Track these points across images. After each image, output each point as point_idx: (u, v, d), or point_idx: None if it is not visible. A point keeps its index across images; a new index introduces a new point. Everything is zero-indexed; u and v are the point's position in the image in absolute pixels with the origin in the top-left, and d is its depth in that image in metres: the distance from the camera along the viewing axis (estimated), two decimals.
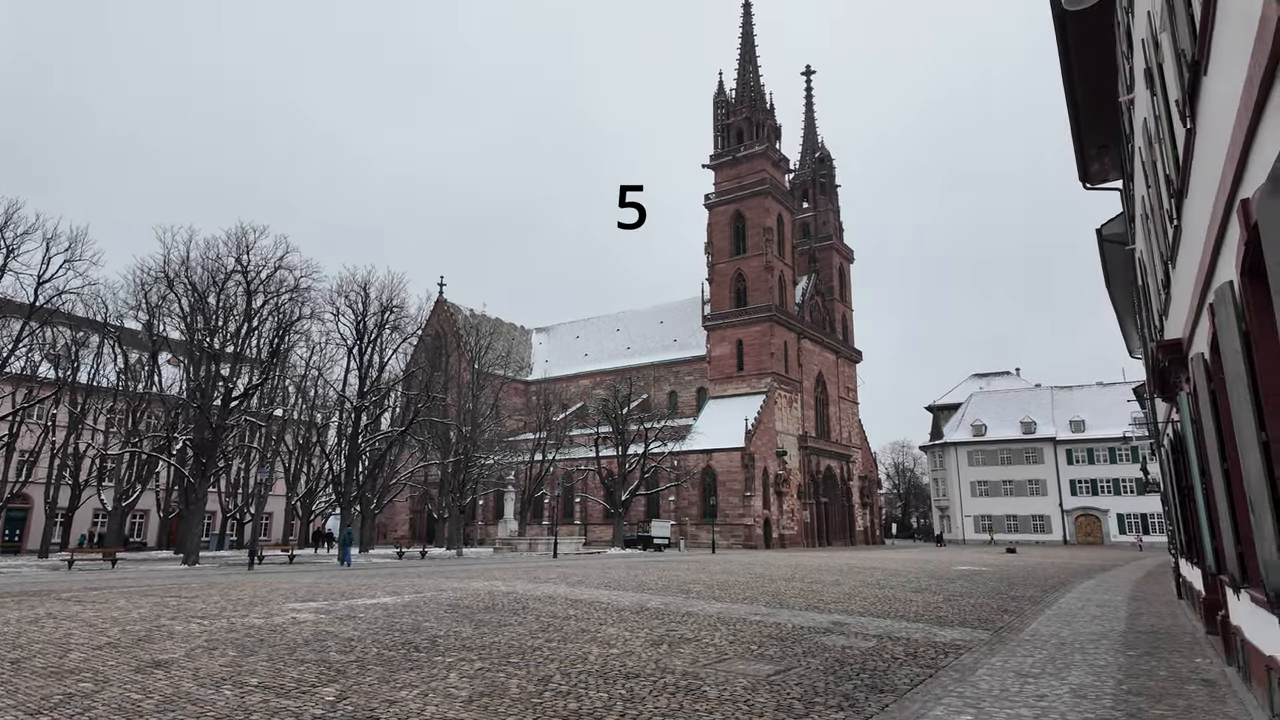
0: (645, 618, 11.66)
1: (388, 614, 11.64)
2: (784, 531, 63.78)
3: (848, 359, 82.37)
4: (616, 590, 16.29)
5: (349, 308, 32.46)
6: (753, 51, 76.18)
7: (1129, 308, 22.86)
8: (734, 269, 70.65)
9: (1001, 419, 79.94)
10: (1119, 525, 71.11)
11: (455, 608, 12.56)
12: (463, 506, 40.14)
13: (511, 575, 20.73)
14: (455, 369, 55.24)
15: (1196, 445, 8.01)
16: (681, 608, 13.21)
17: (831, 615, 12.60)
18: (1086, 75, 12.91)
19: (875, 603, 14.91)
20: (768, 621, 11.52)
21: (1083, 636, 10.34)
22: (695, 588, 17.34)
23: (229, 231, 31.14)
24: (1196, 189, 5.90)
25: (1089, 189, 18.81)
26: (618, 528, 49.74)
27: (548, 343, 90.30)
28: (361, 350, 32.56)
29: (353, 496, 33.58)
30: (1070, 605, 14.93)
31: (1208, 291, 6.04)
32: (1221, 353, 5.09)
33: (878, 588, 18.56)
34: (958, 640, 9.99)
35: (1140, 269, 13.82)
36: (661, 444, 55.44)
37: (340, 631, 9.71)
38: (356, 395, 32.59)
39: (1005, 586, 19.56)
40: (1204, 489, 7.93)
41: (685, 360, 75.29)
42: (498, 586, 16.69)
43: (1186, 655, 8.73)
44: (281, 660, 7.79)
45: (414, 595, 14.74)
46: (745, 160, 71.90)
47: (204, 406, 28.75)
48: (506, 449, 59.89)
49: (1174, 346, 8.47)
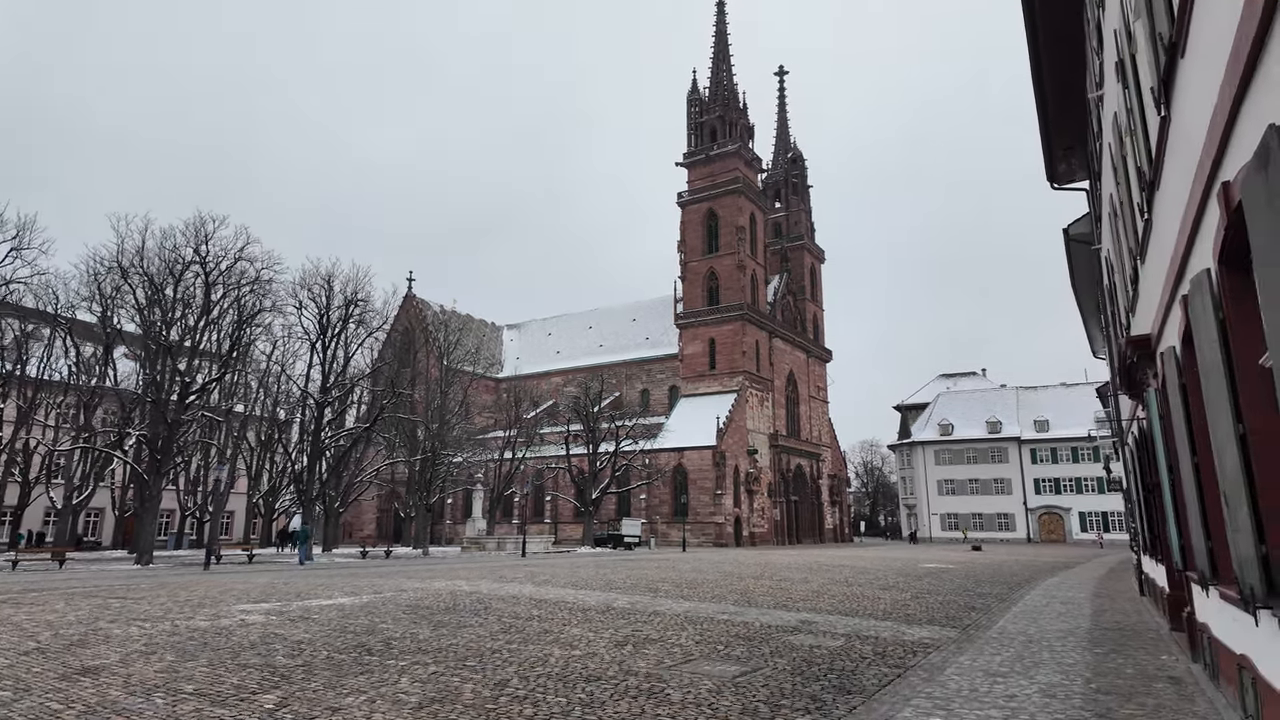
0: (611, 618, 11.39)
1: (343, 615, 11.21)
2: (754, 530, 63.98)
3: (818, 358, 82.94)
4: (583, 589, 15.99)
5: (312, 301, 31.64)
6: (726, 50, 76.26)
7: (1093, 308, 23.17)
8: (706, 267, 70.65)
9: (968, 419, 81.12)
10: (1081, 523, 72.60)
11: (414, 608, 12.17)
12: (429, 505, 39.42)
13: (477, 575, 20.31)
14: (424, 365, 54.38)
15: (1165, 441, 7.96)
16: (648, 607, 12.96)
17: (799, 614, 12.45)
18: (1056, 73, 12.92)
19: (843, 601, 14.81)
20: (735, 621, 11.32)
21: (1049, 634, 10.31)
22: (663, 586, 17.11)
23: (187, 221, 30.08)
24: (1171, 178, 5.79)
25: (1056, 189, 18.96)
26: (588, 526, 49.39)
27: (519, 340, 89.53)
28: (324, 344, 31.71)
29: (314, 494, 32.73)
30: (1036, 602, 14.99)
31: (1180, 283, 5.95)
32: (1196, 344, 4.98)
33: (846, 585, 18.52)
34: (926, 639, 9.88)
35: (1106, 268, 13.90)
36: (633, 442, 55.20)
37: (290, 634, 9.28)
38: (319, 390, 31.70)
39: (972, 584, 19.65)
40: (1171, 485, 7.90)
41: (658, 358, 75.15)
42: (461, 586, 16.28)
43: (1152, 652, 8.71)
44: (223, 665, 7.37)
45: (373, 596, 14.29)
46: (718, 159, 71.93)
47: (159, 401, 27.78)
48: (476, 447, 59.18)
49: (1142, 342, 8.43)
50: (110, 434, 33.66)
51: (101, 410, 38.35)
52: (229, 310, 31.84)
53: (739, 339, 67.29)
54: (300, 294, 31.73)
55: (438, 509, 66.39)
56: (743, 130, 73.76)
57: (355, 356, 38.67)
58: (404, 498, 50.03)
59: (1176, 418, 6.53)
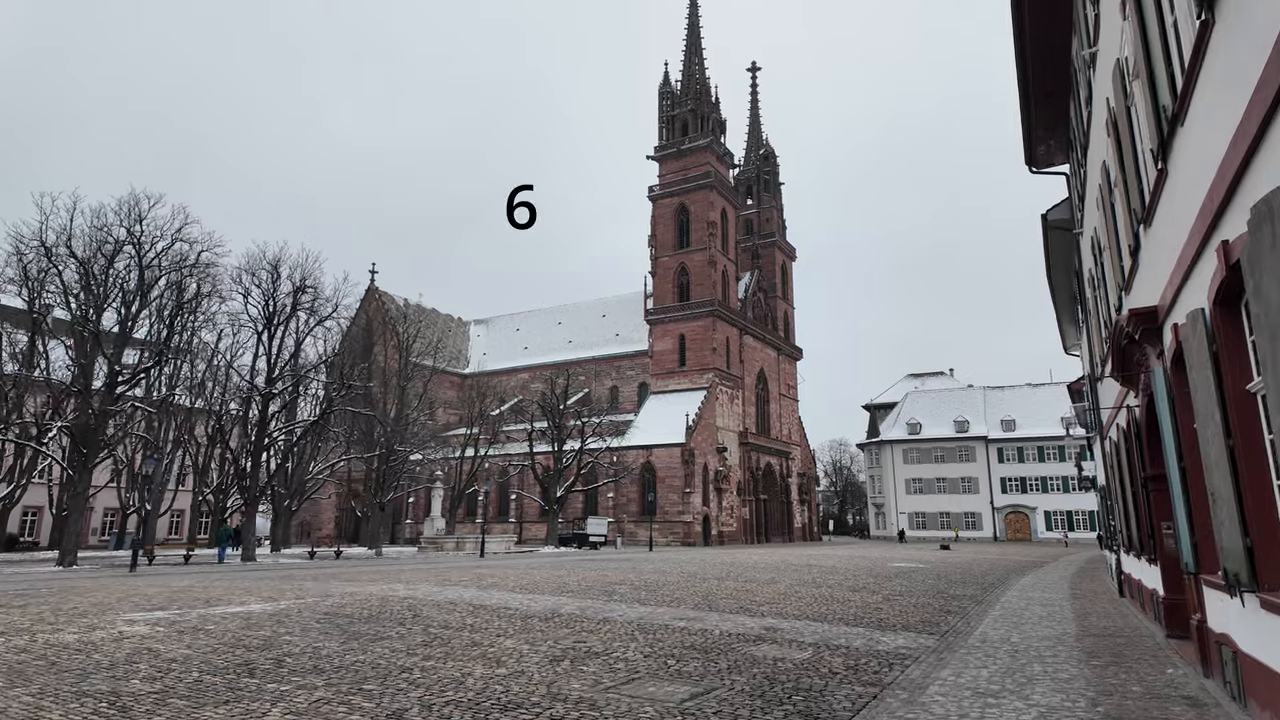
0: (553, 626, 10.19)
1: (245, 626, 9.84)
2: (723, 528, 63.13)
3: (789, 356, 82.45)
4: (532, 594, 14.75)
5: (257, 286, 29.85)
6: (699, 44, 75.33)
7: (1068, 300, 22.56)
8: (677, 263, 69.65)
9: (935, 418, 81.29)
10: (1046, 522, 73.07)
11: (333, 617, 10.83)
12: (383, 504, 37.76)
13: (421, 578, 18.92)
14: (384, 359, 52.46)
15: (1175, 425, 7.01)
16: (599, 613, 11.78)
17: (764, 619, 11.39)
18: (1039, 31, 11.99)
19: (812, 604, 13.80)
20: (693, 628, 10.20)
21: (1036, 642, 9.35)
22: (621, 589, 15.94)
23: (120, 199, 28.03)
24: (1208, 98, 4.76)
25: (1035, 173, 18.23)
26: (551, 525, 48.01)
27: (486, 335, 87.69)
28: (270, 333, 29.94)
29: (258, 492, 30.93)
30: (1014, 604, 14.13)
31: (1216, 228, 4.95)
32: (1257, 289, 3.95)
33: (814, 586, 17.54)
34: (902, 648, 8.86)
35: (1092, 248, 13.04)
36: (600, 439, 53.91)
37: (167, 650, 7.91)
38: (265, 382, 29.92)
39: (944, 584, 18.82)
40: (1183, 475, 6.94)
41: (628, 355, 73.97)
42: (397, 591, 14.92)
43: (1155, 666, 7.76)
44: (56, 694, 6.02)
45: (294, 601, 12.88)
46: (690, 153, 70.98)
47: (86, 391, 25.84)
48: (438, 444, 57.38)
49: (1147, 315, 7.47)
50: (28, 425, 31.39)
51: (33, 401, 36.01)
52: (168, 295, 29.89)
53: (709, 335, 66.40)
54: (245, 279, 29.93)
55: (398, 508, 64.46)
56: (715, 124, 72.89)
57: (307, 347, 36.87)
58: (362, 496, 48.16)
59: (1202, 395, 5.54)
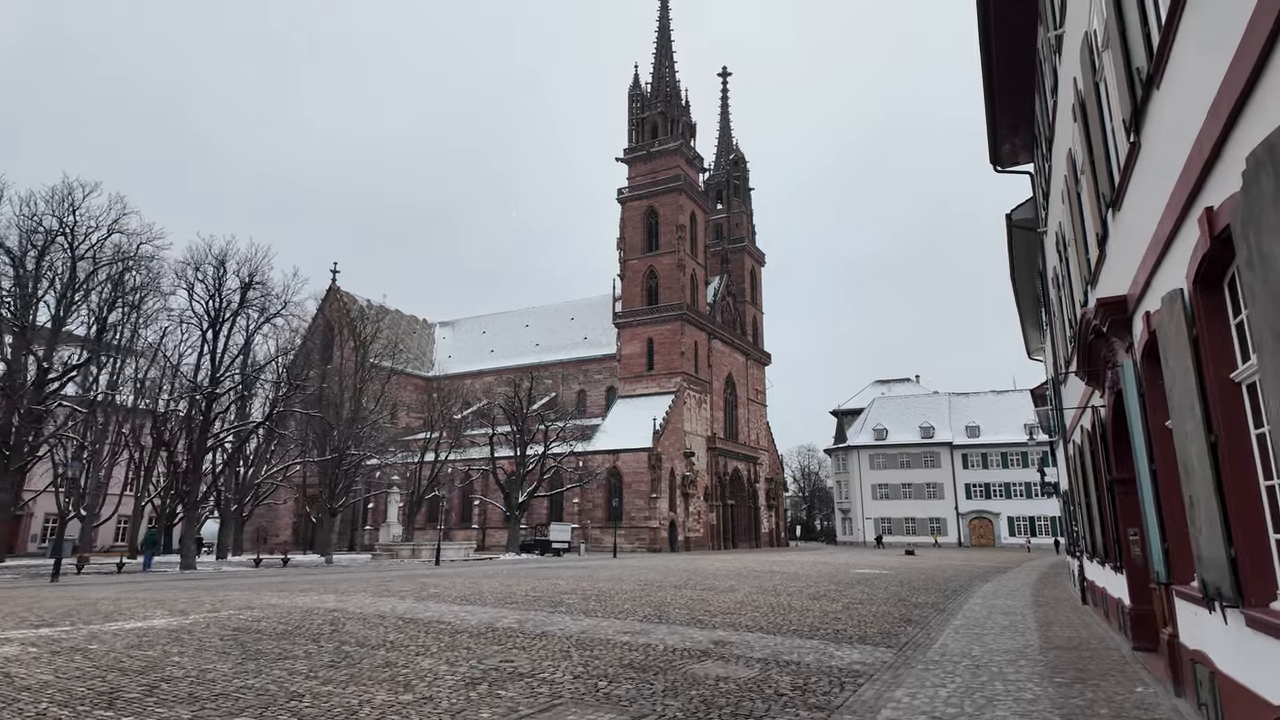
0: (484, 642, 9.37)
1: (135, 644, 8.86)
2: (690, 534, 62.51)
3: (757, 361, 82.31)
4: (473, 605, 13.88)
5: (200, 281, 28.42)
6: (669, 46, 75.01)
7: (1032, 303, 22.36)
8: (646, 266, 69.08)
9: (902, 424, 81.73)
10: (1010, 528, 73.74)
11: (242, 633, 9.88)
12: (334, 509, 36.37)
13: (361, 588, 17.89)
14: (341, 361, 50.93)
15: (1145, 423, 6.48)
16: (539, 626, 10.99)
17: (715, 631, 10.69)
18: (1004, 16, 11.57)
19: (768, 613, 13.15)
20: (636, 643, 9.46)
21: (998, 655, 8.79)
22: (569, 599, 15.13)
23: (52, 188, 26.50)
24: (1190, 44, 4.19)
25: (1000, 171, 17.98)
26: (513, 532, 46.93)
27: (451, 337, 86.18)
28: (215, 331, 28.52)
29: (199, 497, 29.50)
30: (976, 613, 13.63)
31: (1198, 194, 4.38)
32: (1255, 250, 3.35)
33: (773, 595, 16.92)
34: (857, 664, 8.22)
35: (1058, 244, 12.64)
36: (566, 444, 52.96)
37: (26, 676, 6.95)
38: (209, 381, 28.52)
39: (906, 592, 18.33)
40: (1153, 478, 6.41)
41: (596, 358, 73.16)
42: (326, 603, 13.93)
43: (1123, 682, 7.21)
44: None
45: (207, 615, 11.86)
46: (660, 156, 70.53)
47: (11, 389, 24.30)
48: (399, 448, 55.89)
49: (1116, 305, 6.95)
50: None
51: None
52: (105, 289, 28.36)
53: (678, 339, 65.88)
54: (189, 274, 28.47)
55: (358, 514, 62.70)
56: (685, 128, 72.58)
57: (258, 346, 35.44)
58: (317, 502, 46.57)
59: (1179, 387, 4.98)
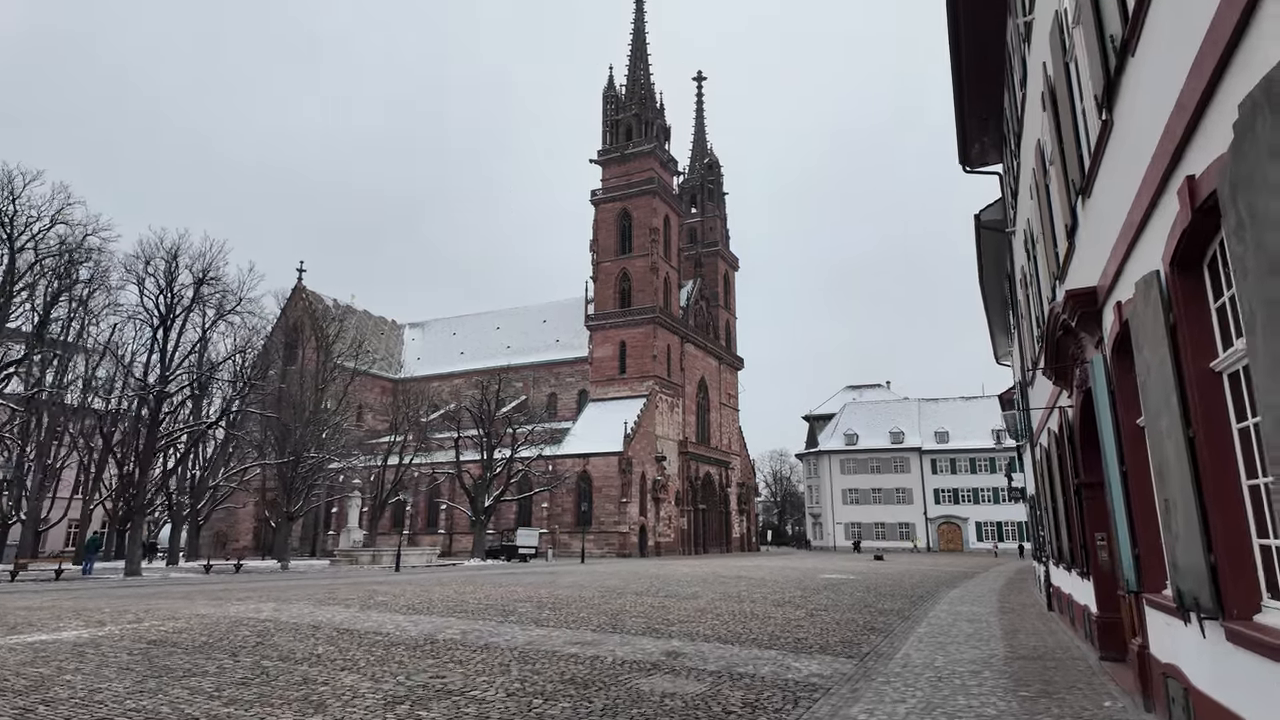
0: (419, 656, 8.74)
1: (29, 660, 8.09)
2: (660, 539, 61.96)
3: (730, 365, 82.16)
4: (418, 614, 13.19)
5: (151, 276, 27.23)
6: (644, 49, 74.78)
7: (999, 305, 22.26)
8: (619, 268, 68.58)
9: (872, 429, 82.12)
10: (977, 533, 74.36)
11: (157, 646, 9.13)
12: (291, 514, 35.22)
13: (304, 596, 17.05)
14: (303, 360, 49.60)
15: (1115, 422, 6.09)
16: (484, 637, 10.37)
17: (670, 641, 10.17)
18: (972, 10, 11.28)
19: (729, 621, 12.67)
20: (583, 655, 8.90)
21: (961, 666, 8.38)
22: (523, 608, 14.51)
23: None
24: (1165, 21, 3.77)
25: (969, 172, 17.79)
26: (478, 537, 45.98)
27: (421, 339, 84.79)
28: (166, 328, 27.34)
29: (145, 500, 28.29)
30: (941, 620, 13.29)
31: (1179, 162, 3.97)
32: (1247, 211, 2.92)
33: (737, 601, 16.45)
34: (815, 676, 7.75)
35: (1026, 241, 12.37)
36: (535, 447, 52.10)
37: None
38: (159, 380, 27.35)
39: (872, 598, 17.99)
40: (1123, 480, 6.03)
41: (567, 361, 72.40)
42: (261, 612, 13.14)
43: (1089, 695, 6.82)
44: None
45: (124, 626, 11.04)
46: (634, 158, 70.14)
47: None
48: (364, 451, 54.59)
49: (1085, 296, 6.58)
50: None
51: None
52: (49, 282, 27.08)
53: (650, 342, 65.43)
54: (139, 268, 27.27)
55: (322, 518, 61.15)
56: (659, 130, 72.31)
57: (216, 344, 34.23)
58: (276, 506, 45.21)
59: (1155, 379, 4.57)
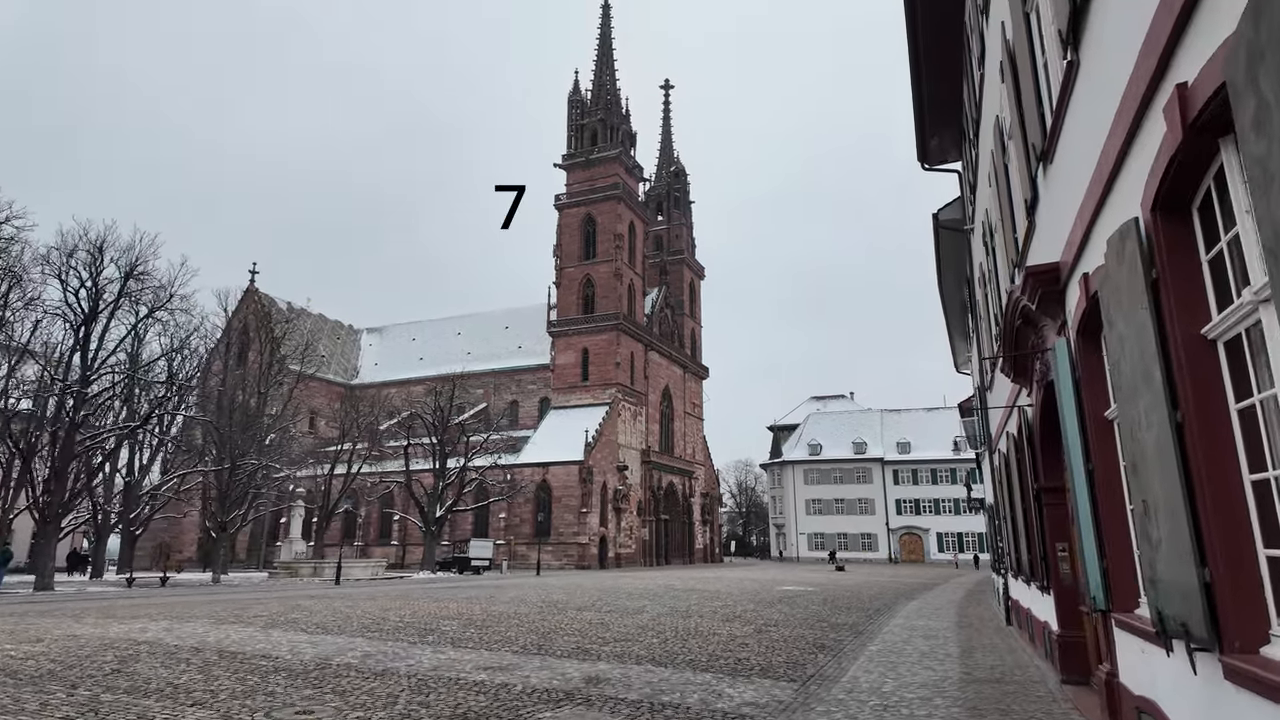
0: (298, 685, 7.61)
1: None
2: (621, 550, 60.79)
3: (695, 374, 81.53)
4: (327, 634, 11.97)
5: (73, 270, 25.43)
6: (610, 54, 74.21)
7: (959, 309, 21.78)
8: (583, 274, 67.57)
9: (835, 439, 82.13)
10: (938, 544, 74.59)
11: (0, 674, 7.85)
12: (224, 523, 33.35)
13: (210, 613, 15.60)
14: (252, 364, 47.57)
15: (1080, 414, 5.31)
16: (386, 662, 9.25)
17: (597, 664, 9.17)
18: None
19: (669, 639, 11.71)
20: (491, 683, 7.85)
21: (911, 691, 7.53)
22: (447, 625, 13.35)
23: None
24: None
25: (927, 169, 17.19)
26: (429, 548, 44.39)
27: (379, 344, 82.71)
28: (88, 325, 25.56)
29: (60, 508, 26.41)
30: (895, 637, 12.49)
31: (1164, 75, 3.17)
32: (1258, 118, 2.09)
33: (684, 617, 15.50)
34: (748, 705, 6.84)
35: (985, 234, 11.73)
36: (491, 455, 50.65)
37: None
38: (79, 381, 25.54)
39: (827, 611, 17.20)
40: (1089, 481, 5.24)
41: (530, 368, 71.11)
42: (145, 633, 11.80)
43: None
44: None
45: None
46: (599, 163, 69.35)
47: None
48: (316, 459, 52.54)
49: (1047, 274, 5.81)
50: None
51: None
52: None
53: (614, 350, 64.45)
54: (58, 259, 25.47)
55: (269, 529, 58.75)
56: (625, 136, 71.67)
57: (150, 344, 32.35)
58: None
59: (1132, 351, 3.75)
